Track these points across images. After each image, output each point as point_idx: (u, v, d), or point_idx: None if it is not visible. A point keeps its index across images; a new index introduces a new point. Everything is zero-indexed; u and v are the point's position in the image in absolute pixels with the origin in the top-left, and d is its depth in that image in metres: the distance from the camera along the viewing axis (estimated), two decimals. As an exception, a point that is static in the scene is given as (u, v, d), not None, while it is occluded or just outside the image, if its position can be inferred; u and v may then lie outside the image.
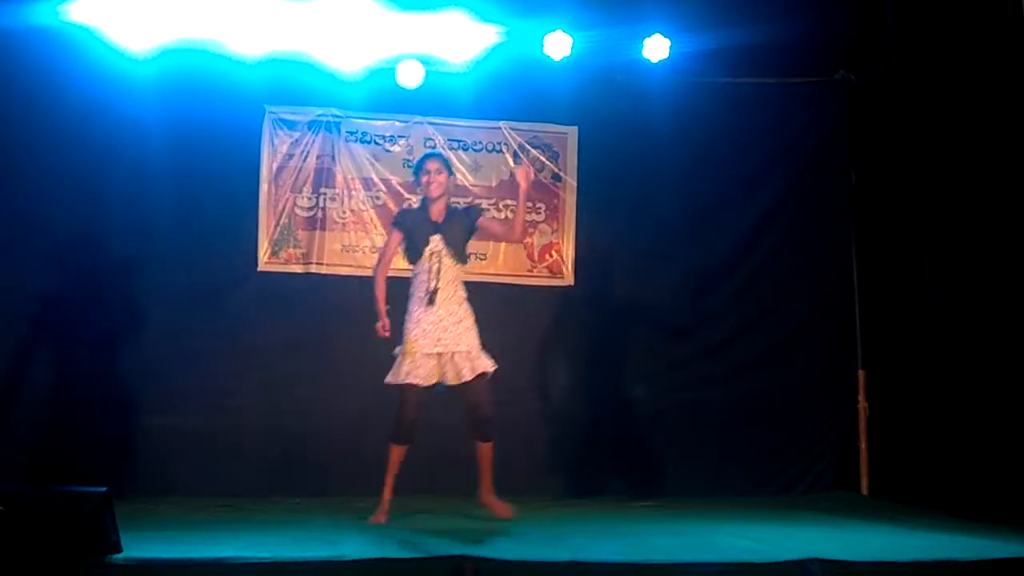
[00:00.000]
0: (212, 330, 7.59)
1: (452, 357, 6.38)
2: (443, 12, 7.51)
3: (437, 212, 6.51)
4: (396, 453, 6.44)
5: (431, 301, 6.37)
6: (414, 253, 6.49)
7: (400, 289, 6.55)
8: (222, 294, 7.68)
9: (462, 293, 6.49)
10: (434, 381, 6.41)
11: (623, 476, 7.98)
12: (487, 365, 6.43)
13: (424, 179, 6.49)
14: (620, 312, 8.17)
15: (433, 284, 6.38)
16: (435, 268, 6.40)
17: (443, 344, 6.36)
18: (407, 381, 6.34)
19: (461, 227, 6.52)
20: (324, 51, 7.56)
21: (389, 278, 6.57)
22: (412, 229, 6.50)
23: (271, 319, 7.70)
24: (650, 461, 8.00)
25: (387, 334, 6.39)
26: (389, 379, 6.43)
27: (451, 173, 6.60)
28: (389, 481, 6.45)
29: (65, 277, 7.37)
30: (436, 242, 6.43)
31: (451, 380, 6.41)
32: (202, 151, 7.61)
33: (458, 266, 6.49)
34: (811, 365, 8.23)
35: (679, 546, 5.70)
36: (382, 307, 6.42)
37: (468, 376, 6.38)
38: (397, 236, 6.54)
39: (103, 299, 7.41)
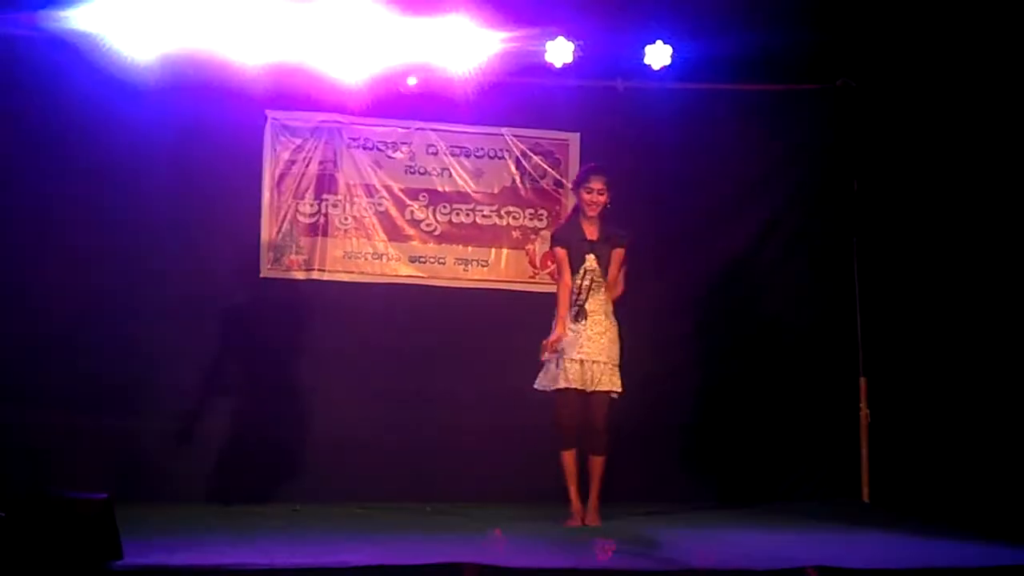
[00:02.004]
0: (214, 336, 7.60)
1: (592, 366, 6.56)
2: (445, 18, 7.51)
3: (592, 230, 6.68)
4: (568, 459, 6.67)
5: (579, 316, 6.57)
6: (569, 270, 6.64)
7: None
8: (224, 300, 7.69)
9: (608, 307, 6.67)
10: (580, 386, 6.58)
11: (623, 483, 7.96)
12: (616, 386, 6.62)
13: (586, 196, 6.65)
14: (621, 319, 8.16)
15: (583, 299, 6.58)
16: (586, 285, 6.60)
17: (584, 352, 6.56)
18: (562, 386, 6.54)
19: (609, 246, 6.67)
20: (326, 57, 7.55)
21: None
22: (570, 246, 6.65)
23: (273, 326, 7.72)
24: (650, 468, 7.99)
25: (556, 351, 6.55)
26: (537, 385, 6.67)
27: (610, 191, 6.70)
28: (572, 488, 6.68)
29: (67, 282, 7.36)
30: (591, 261, 6.61)
31: (587, 387, 6.58)
32: (204, 157, 7.62)
33: (605, 282, 6.65)
34: (812, 372, 8.21)
35: (678, 554, 5.70)
36: (561, 323, 6.57)
37: (597, 388, 6.56)
38: (564, 252, 6.67)
39: (104, 305, 7.42)
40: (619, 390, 6.62)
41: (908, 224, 7.74)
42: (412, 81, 7.79)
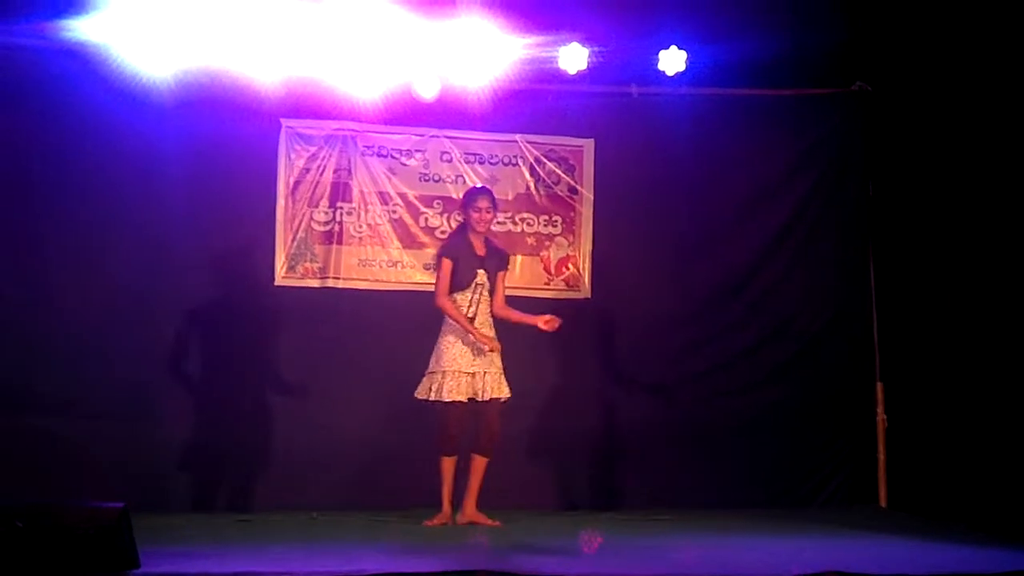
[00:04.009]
0: (229, 345, 7.61)
1: (484, 376, 6.80)
2: (459, 26, 7.51)
3: (480, 245, 6.95)
4: (447, 465, 6.90)
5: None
6: (460, 283, 6.88)
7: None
8: (239, 309, 7.69)
9: (491, 319, 6.92)
10: (468, 397, 6.79)
11: (639, 488, 7.96)
12: (506, 392, 6.88)
13: (474, 215, 6.92)
14: (637, 324, 8.16)
15: (472, 312, 6.82)
16: (475, 298, 6.86)
17: (477, 365, 6.80)
18: (450, 399, 6.74)
19: (496, 263, 6.97)
20: (340, 66, 7.56)
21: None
22: (460, 259, 6.89)
23: (288, 334, 7.72)
24: (666, 473, 7.97)
25: (496, 346, 6.85)
26: (420, 395, 6.84)
27: (496, 209, 7.07)
28: (446, 492, 6.90)
29: (80, 290, 7.38)
30: (481, 276, 6.87)
31: (479, 397, 6.80)
32: (219, 165, 7.62)
33: (490, 296, 6.92)
34: (829, 377, 8.19)
35: (695, 559, 5.69)
36: (468, 325, 6.79)
37: (491, 396, 6.81)
38: (450, 264, 6.90)
39: (119, 313, 7.42)
40: (508, 395, 6.88)
41: (924, 228, 7.72)
42: (426, 92, 7.78)
